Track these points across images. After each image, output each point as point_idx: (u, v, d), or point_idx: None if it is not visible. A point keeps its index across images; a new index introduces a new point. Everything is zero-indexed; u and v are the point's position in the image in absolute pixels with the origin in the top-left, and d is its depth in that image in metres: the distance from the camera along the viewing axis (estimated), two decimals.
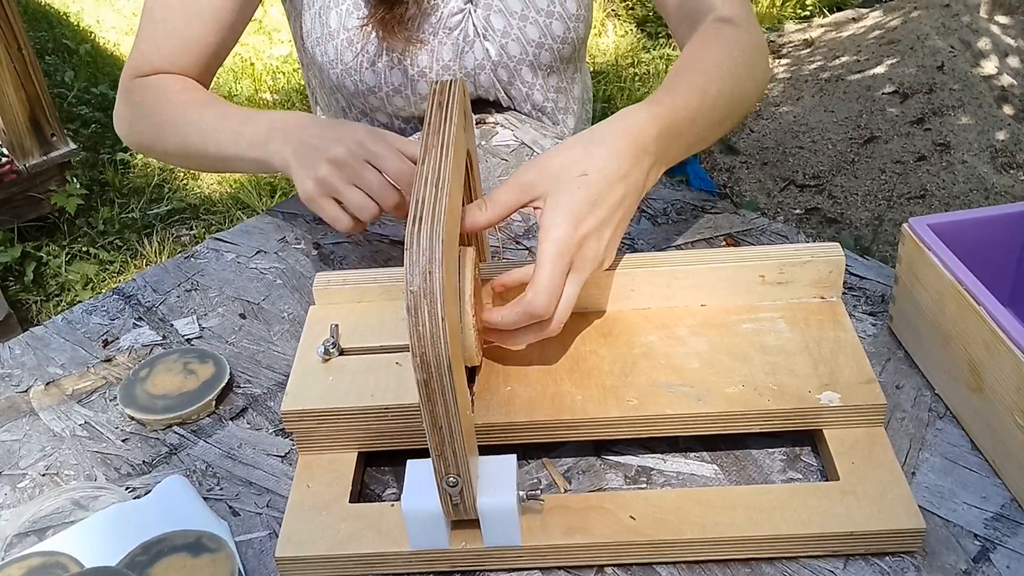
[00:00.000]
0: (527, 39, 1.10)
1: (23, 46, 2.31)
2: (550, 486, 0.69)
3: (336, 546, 0.63)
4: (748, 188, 2.66)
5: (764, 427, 0.68)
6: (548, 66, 1.13)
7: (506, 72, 1.12)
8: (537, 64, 1.12)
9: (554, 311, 0.66)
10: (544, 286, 0.64)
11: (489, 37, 1.09)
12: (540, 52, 1.11)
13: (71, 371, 0.84)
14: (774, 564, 0.63)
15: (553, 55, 1.12)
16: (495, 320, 0.66)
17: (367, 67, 1.07)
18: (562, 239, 0.64)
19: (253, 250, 0.97)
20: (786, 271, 0.75)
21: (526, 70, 1.13)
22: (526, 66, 1.12)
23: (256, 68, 3.44)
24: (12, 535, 0.69)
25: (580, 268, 0.66)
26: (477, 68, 1.11)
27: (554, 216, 0.65)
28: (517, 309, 0.65)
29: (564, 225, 0.64)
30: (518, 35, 1.09)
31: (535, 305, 0.64)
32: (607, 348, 0.73)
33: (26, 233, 2.57)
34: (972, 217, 0.74)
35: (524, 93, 1.15)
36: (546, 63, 1.13)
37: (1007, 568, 0.61)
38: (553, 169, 0.67)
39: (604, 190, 0.66)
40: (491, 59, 1.10)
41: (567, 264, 0.65)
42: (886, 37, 3.11)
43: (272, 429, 0.76)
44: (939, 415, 0.72)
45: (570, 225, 0.64)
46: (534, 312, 0.64)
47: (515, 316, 0.65)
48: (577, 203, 0.65)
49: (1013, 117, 2.75)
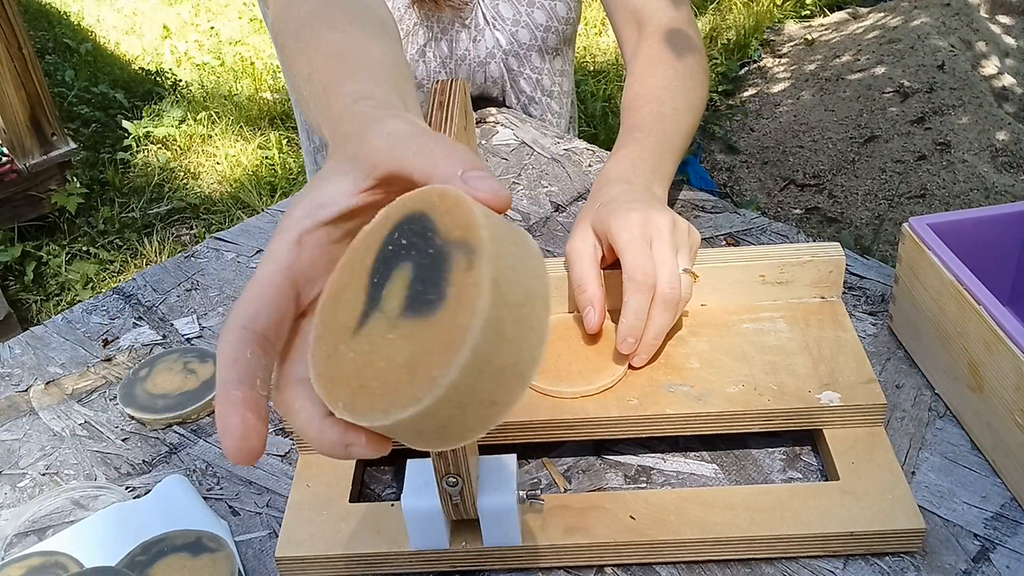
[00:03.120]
0: (535, 24, 1.11)
1: (23, 45, 2.31)
2: (550, 486, 0.69)
3: (336, 546, 0.63)
4: (748, 188, 2.66)
5: (764, 427, 0.68)
6: (554, 49, 1.16)
7: (516, 60, 1.14)
8: (545, 48, 1.14)
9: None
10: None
11: (498, 26, 1.11)
12: (548, 36, 1.13)
13: (71, 371, 0.84)
14: (774, 564, 0.63)
15: (559, 37, 1.15)
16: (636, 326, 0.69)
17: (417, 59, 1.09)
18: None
19: (253, 250, 0.97)
20: (786, 271, 0.75)
21: (535, 56, 1.15)
22: (535, 52, 1.14)
23: (256, 68, 3.44)
24: (12, 535, 0.69)
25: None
26: (488, 57, 1.12)
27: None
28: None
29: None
30: (527, 21, 1.11)
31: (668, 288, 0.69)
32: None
33: (26, 233, 2.57)
34: (972, 217, 0.74)
35: (535, 80, 1.17)
36: (553, 46, 1.15)
37: (1007, 568, 0.61)
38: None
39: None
40: (502, 48, 1.12)
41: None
42: (886, 36, 3.11)
43: (272, 428, 0.76)
44: (939, 415, 0.72)
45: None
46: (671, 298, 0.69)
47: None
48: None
49: (1013, 116, 2.74)
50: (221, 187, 2.81)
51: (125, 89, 3.31)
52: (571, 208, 0.98)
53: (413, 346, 0.37)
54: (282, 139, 2.98)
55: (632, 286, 0.68)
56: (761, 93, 3.09)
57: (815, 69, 3.10)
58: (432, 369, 0.36)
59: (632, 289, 0.68)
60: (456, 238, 0.38)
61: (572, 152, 1.08)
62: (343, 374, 0.39)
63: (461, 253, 0.38)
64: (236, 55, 3.53)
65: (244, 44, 3.63)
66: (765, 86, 3.12)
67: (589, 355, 0.71)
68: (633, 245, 0.69)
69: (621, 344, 0.69)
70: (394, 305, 0.39)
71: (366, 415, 0.38)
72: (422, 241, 0.39)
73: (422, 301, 0.38)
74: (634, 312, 0.68)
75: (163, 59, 3.55)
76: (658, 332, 0.69)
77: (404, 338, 0.38)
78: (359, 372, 0.38)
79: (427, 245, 0.39)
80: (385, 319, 0.39)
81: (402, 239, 0.40)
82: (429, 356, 0.36)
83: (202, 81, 3.37)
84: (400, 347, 0.37)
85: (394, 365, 0.37)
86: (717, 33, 3.45)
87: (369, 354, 0.38)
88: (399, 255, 0.40)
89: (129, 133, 3.04)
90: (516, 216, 0.98)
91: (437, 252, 0.38)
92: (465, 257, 0.37)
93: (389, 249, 0.40)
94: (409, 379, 0.37)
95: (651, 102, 0.88)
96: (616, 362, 0.70)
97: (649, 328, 0.69)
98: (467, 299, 0.36)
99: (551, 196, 1.00)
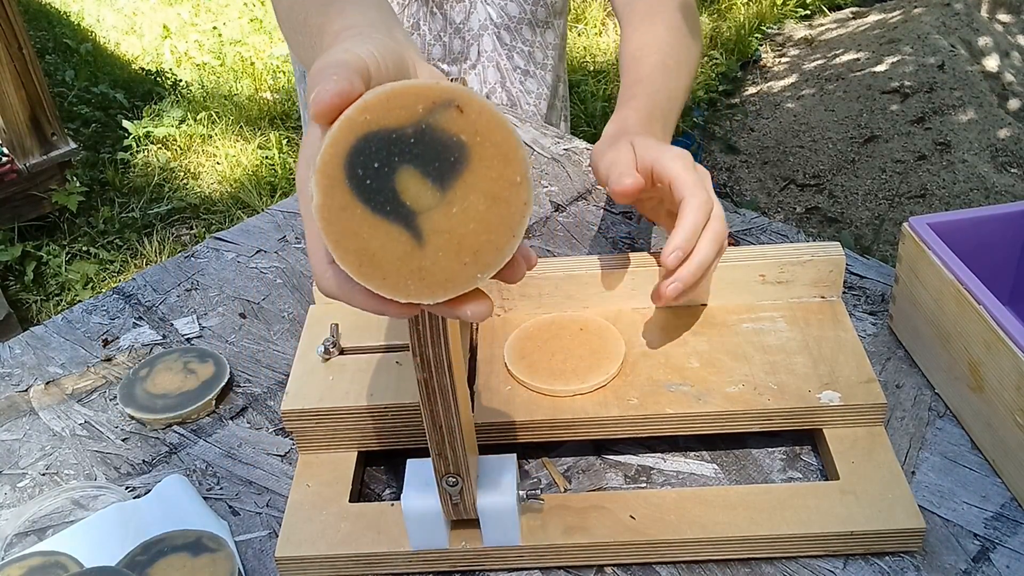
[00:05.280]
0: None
1: (23, 45, 2.31)
2: (550, 486, 0.69)
3: (336, 546, 0.63)
4: (748, 187, 2.66)
5: (764, 426, 0.68)
6: (544, 22, 1.17)
7: (508, 34, 1.15)
8: (535, 21, 1.16)
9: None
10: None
11: (488, 0, 1.12)
12: (537, 8, 1.15)
13: (71, 370, 0.84)
14: (774, 564, 0.63)
15: (548, 10, 1.16)
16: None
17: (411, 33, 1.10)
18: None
19: (253, 250, 0.97)
20: (786, 270, 0.75)
21: (527, 29, 1.16)
22: (526, 24, 1.15)
23: (256, 67, 3.44)
24: (12, 535, 0.69)
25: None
26: (481, 30, 1.14)
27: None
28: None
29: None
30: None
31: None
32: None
33: (26, 233, 2.57)
34: (972, 216, 0.74)
35: (527, 53, 1.18)
36: (543, 19, 1.16)
37: (1007, 568, 0.61)
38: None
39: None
40: (493, 20, 1.13)
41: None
42: (887, 36, 3.11)
43: (272, 428, 0.76)
44: (939, 414, 0.72)
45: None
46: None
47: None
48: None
49: (1014, 116, 2.74)
50: (221, 187, 2.81)
51: (125, 89, 3.31)
52: (571, 208, 0.98)
53: (480, 189, 0.41)
54: (282, 139, 2.98)
55: (693, 203, 0.66)
56: (761, 93, 3.09)
57: (815, 68, 3.10)
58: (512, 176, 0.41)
59: (692, 207, 0.66)
60: (423, 111, 0.40)
61: (572, 152, 1.08)
62: (449, 266, 0.42)
63: (441, 110, 0.40)
64: (236, 55, 3.53)
65: (244, 44, 3.63)
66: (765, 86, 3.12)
67: (583, 354, 0.71)
68: (690, 173, 0.68)
69: (669, 255, 0.66)
70: (428, 196, 0.41)
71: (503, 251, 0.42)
72: (393, 144, 0.41)
73: (448, 169, 0.41)
74: (692, 227, 0.66)
75: (163, 59, 3.55)
76: (702, 261, 0.67)
77: (466, 197, 0.41)
78: (462, 248, 0.42)
79: (402, 140, 0.41)
80: (434, 210, 0.41)
81: (373, 162, 0.41)
82: (501, 177, 0.41)
83: (202, 81, 3.37)
84: (472, 202, 0.41)
85: (482, 212, 0.41)
86: (717, 33, 3.45)
87: (453, 234, 0.41)
88: (385, 171, 0.41)
89: (129, 133, 3.04)
90: None
91: (418, 132, 0.40)
92: (448, 110, 0.40)
93: (368, 184, 0.41)
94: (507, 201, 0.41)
95: (655, 53, 0.89)
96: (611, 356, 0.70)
97: (695, 254, 0.67)
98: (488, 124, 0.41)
99: (551, 196, 1.00)
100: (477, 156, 0.41)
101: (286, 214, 1.02)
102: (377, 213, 0.41)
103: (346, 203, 0.41)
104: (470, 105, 0.40)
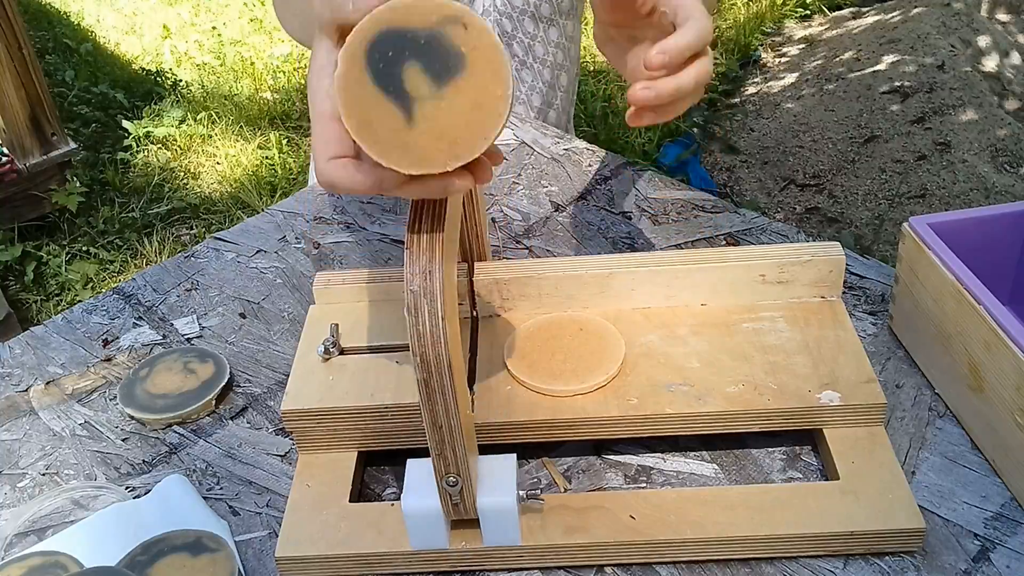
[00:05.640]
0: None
1: (23, 45, 2.31)
2: (550, 486, 0.69)
3: (336, 546, 0.63)
4: (748, 187, 2.66)
5: (764, 426, 0.68)
6: (548, 18, 1.18)
7: (510, 23, 1.16)
8: (538, 16, 1.17)
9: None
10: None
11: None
12: (540, 3, 1.16)
13: (71, 370, 0.84)
14: (774, 564, 0.63)
15: (552, 7, 1.17)
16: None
17: None
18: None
19: (253, 250, 0.97)
20: (786, 270, 0.75)
21: (528, 21, 1.17)
22: (528, 17, 1.16)
23: (256, 67, 3.44)
24: (12, 535, 0.69)
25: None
26: (484, 15, 1.15)
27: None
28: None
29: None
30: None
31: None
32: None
33: (26, 233, 2.57)
34: (972, 216, 0.74)
35: (527, 45, 1.19)
36: (546, 15, 1.17)
37: (1007, 568, 0.61)
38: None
39: None
40: (496, 7, 1.15)
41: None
42: (886, 36, 3.11)
43: (272, 428, 0.76)
44: (939, 414, 0.72)
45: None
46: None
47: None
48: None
49: (1013, 116, 2.74)
50: (221, 187, 2.81)
51: (125, 89, 3.31)
52: (571, 208, 0.98)
53: (468, 95, 0.49)
54: (282, 139, 2.98)
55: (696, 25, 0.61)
56: (761, 93, 3.09)
57: (815, 69, 3.10)
58: (496, 90, 0.49)
59: (694, 28, 0.61)
60: (436, 21, 0.49)
61: (572, 152, 1.08)
62: (428, 147, 0.50)
63: (450, 24, 0.49)
64: (236, 55, 3.53)
65: (244, 44, 3.63)
66: (765, 85, 3.12)
67: (583, 354, 0.71)
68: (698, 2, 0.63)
69: (655, 56, 0.61)
70: (425, 88, 0.49)
71: (475, 149, 0.50)
72: (406, 42, 0.49)
73: (445, 71, 0.49)
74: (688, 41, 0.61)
75: (163, 59, 3.55)
76: (681, 86, 0.62)
77: (455, 96, 0.49)
78: (442, 136, 0.49)
79: (415, 40, 0.49)
80: (427, 101, 0.49)
81: (388, 51, 0.49)
82: (487, 88, 0.49)
83: (202, 81, 3.36)
84: (459, 102, 0.49)
85: (465, 114, 0.49)
86: (717, 32, 3.45)
87: (437, 123, 0.49)
88: (396, 61, 0.49)
89: (129, 133, 3.04)
90: (516, 216, 0.98)
91: (429, 37, 0.49)
92: (455, 25, 0.49)
93: (380, 67, 0.49)
94: (487, 108, 0.49)
95: None
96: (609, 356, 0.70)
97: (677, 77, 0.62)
98: (485, 44, 0.49)
99: (551, 196, 1.00)
100: (471, 67, 0.49)
101: (286, 214, 1.02)
102: (382, 91, 0.49)
103: (360, 78, 0.49)
104: (474, 25, 0.49)
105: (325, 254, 0.95)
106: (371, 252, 0.95)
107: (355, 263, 0.93)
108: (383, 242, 0.96)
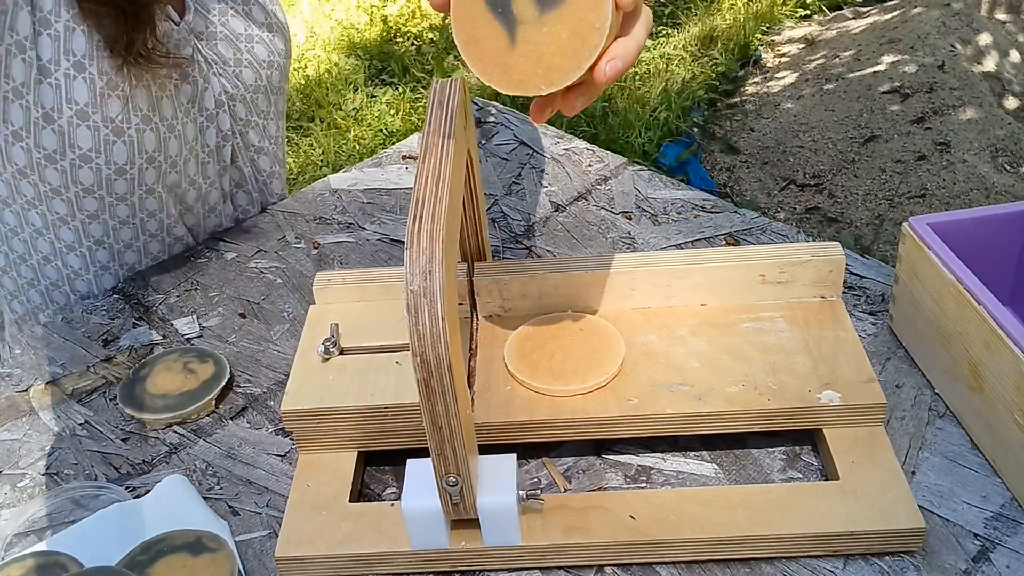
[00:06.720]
0: (258, 61, 0.98)
1: None
2: (550, 486, 0.69)
3: (336, 546, 0.64)
4: (748, 187, 2.66)
5: (764, 426, 0.68)
6: (278, 87, 1.03)
7: (244, 107, 0.98)
8: (270, 88, 1.01)
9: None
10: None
11: (220, 71, 0.94)
12: (272, 73, 1.00)
13: (71, 370, 0.84)
14: (774, 564, 0.63)
15: (281, 72, 1.02)
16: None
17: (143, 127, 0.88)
18: None
19: (253, 250, 0.97)
20: (786, 270, 0.75)
21: (261, 99, 1.00)
22: (261, 94, 1.00)
23: None
24: (12, 535, 0.69)
25: None
26: (217, 107, 0.95)
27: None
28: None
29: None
30: (249, 59, 0.97)
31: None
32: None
33: None
34: (972, 216, 0.74)
35: (262, 128, 1.02)
36: (276, 84, 1.02)
37: (1007, 568, 0.61)
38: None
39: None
40: (228, 93, 0.96)
41: None
42: (886, 36, 3.11)
43: (272, 428, 0.76)
44: (939, 414, 0.72)
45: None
46: None
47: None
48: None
49: (1013, 116, 2.74)
50: None
51: None
52: (571, 208, 0.98)
53: (567, 22, 0.52)
54: None
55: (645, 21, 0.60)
56: (761, 93, 3.09)
57: (815, 69, 3.10)
58: (593, 21, 0.52)
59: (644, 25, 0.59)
60: None
61: (572, 152, 1.08)
62: (527, 71, 0.53)
63: None
64: None
65: None
66: (765, 86, 3.12)
67: (583, 354, 0.71)
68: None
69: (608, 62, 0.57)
70: (529, 13, 0.53)
71: (568, 76, 0.53)
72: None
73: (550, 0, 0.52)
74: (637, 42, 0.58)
75: None
76: (639, 40, 0.59)
77: (555, 23, 0.52)
78: (539, 61, 0.53)
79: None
80: (530, 24, 0.53)
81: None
82: (584, 18, 0.52)
83: None
84: (558, 29, 0.52)
85: (563, 41, 0.52)
86: (717, 32, 3.45)
87: (536, 47, 0.53)
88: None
89: None
90: (516, 216, 0.98)
91: None
92: None
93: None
94: (583, 37, 0.52)
95: None
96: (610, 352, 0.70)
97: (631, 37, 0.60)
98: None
99: (551, 196, 1.00)
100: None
101: (286, 214, 1.02)
102: (491, 11, 0.53)
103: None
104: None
105: (325, 254, 0.95)
106: (371, 252, 0.95)
107: (355, 263, 0.93)
108: (383, 242, 0.96)
